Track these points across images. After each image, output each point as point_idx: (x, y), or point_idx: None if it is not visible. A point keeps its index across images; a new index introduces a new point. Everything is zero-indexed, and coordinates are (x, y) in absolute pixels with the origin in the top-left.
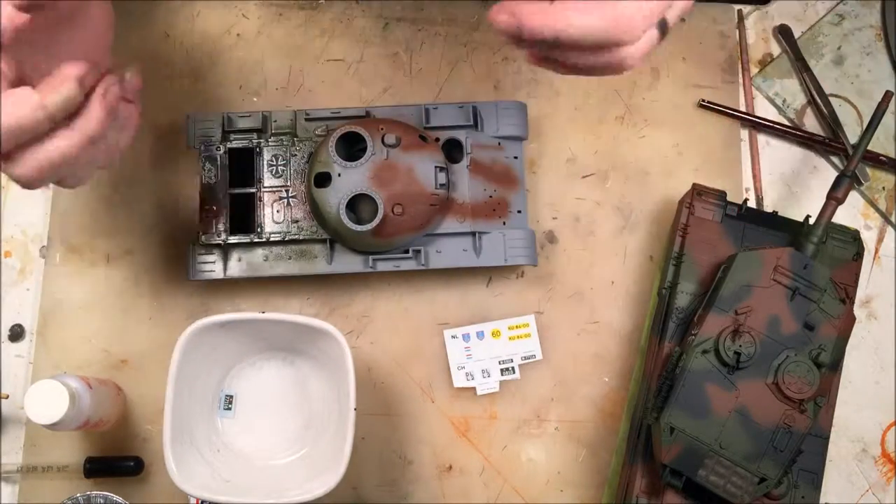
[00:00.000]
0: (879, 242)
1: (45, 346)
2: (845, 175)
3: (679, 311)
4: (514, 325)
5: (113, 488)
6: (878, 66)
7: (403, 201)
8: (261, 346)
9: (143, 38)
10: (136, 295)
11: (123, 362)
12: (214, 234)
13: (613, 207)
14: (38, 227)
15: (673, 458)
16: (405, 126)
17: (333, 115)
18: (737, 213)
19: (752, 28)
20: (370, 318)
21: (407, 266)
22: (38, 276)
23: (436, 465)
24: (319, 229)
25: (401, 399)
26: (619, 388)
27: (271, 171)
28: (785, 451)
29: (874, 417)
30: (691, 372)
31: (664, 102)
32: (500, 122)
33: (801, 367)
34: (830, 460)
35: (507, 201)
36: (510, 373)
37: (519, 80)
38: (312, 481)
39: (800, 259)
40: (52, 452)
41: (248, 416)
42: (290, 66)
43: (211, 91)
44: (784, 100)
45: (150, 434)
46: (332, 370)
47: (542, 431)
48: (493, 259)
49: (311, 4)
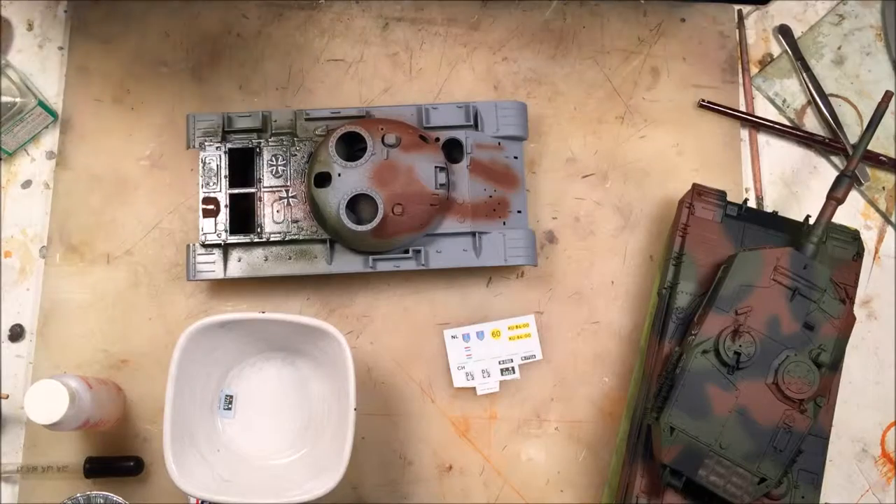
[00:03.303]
0: (879, 242)
1: (45, 346)
2: (845, 175)
3: (679, 311)
4: (514, 325)
5: (113, 488)
6: (878, 66)
7: (403, 201)
8: (261, 346)
9: (143, 38)
10: (136, 295)
11: (123, 362)
12: (214, 234)
13: (613, 207)
14: (38, 227)
15: (673, 458)
16: (405, 126)
17: (333, 115)
18: (737, 213)
19: (752, 28)
20: (370, 318)
21: (407, 266)
22: (38, 276)
23: (436, 465)
24: (319, 229)
25: (401, 399)
26: (619, 388)
27: (271, 171)
28: (785, 451)
29: (874, 417)
30: (691, 372)
31: (664, 102)
32: (500, 122)
33: (801, 367)
34: (830, 460)
35: (507, 201)
36: (510, 373)
37: (519, 80)
38: (312, 481)
39: (800, 259)
40: (52, 452)
41: (248, 416)
42: (290, 66)
43: (211, 91)
44: (784, 100)
45: (150, 434)
46: (332, 370)
47: (542, 431)
48: (493, 259)
49: (311, 4)
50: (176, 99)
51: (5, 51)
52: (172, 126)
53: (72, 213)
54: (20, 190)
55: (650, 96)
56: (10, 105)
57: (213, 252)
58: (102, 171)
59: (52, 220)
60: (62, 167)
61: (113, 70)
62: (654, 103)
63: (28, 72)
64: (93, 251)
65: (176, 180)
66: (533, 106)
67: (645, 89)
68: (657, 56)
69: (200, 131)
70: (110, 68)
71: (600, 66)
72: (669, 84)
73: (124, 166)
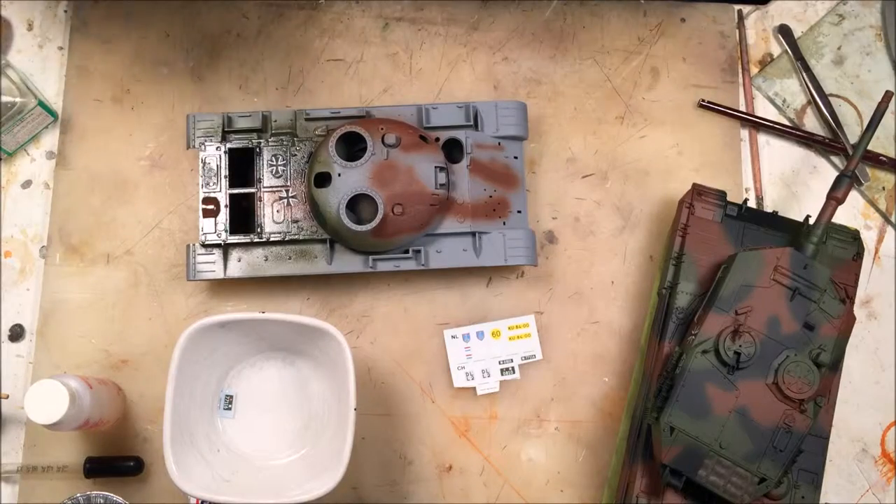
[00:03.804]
0: (879, 242)
1: (45, 346)
2: (845, 175)
3: (679, 311)
4: (514, 325)
5: (113, 488)
6: (878, 66)
7: (403, 201)
8: (261, 346)
9: (143, 38)
10: (136, 295)
11: (123, 362)
12: (214, 234)
13: (613, 207)
14: (38, 227)
15: (673, 458)
16: (405, 126)
17: (333, 115)
18: (737, 213)
19: (752, 28)
20: (370, 318)
21: (407, 266)
22: (38, 276)
23: (436, 465)
24: (319, 229)
25: (401, 399)
26: (619, 388)
27: (271, 171)
28: (785, 451)
29: (874, 417)
30: (691, 372)
31: (664, 102)
32: (500, 122)
33: (801, 367)
34: (830, 460)
35: (507, 201)
36: (510, 373)
37: (519, 80)
38: (312, 481)
39: (800, 259)
40: (52, 452)
41: (248, 416)
42: (290, 66)
43: (211, 91)
44: (784, 100)
45: (150, 434)
46: (332, 370)
47: (542, 431)
48: (493, 259)
49: (311, 4)
50: (176, 99)
51: (5, 51)
52: (172, 126)
53: (72, 213)
54: (20, 190)
55: (650, 96)
56: (10, 105)
57: (213, 252)
58: (102, 171)
59: (52, 220)
60: (62, 167)
61: (113, 70)
62: (654, 103)
63: (28, 72)
64: (93, 251)
65: (176, 180)
66: (533, 106)
67: (645, 89)
68: (657, 56)
69: (200, 131)
70: (110, 68)
71: (600, 66)
72: (669, 84)
73: (124, 166)
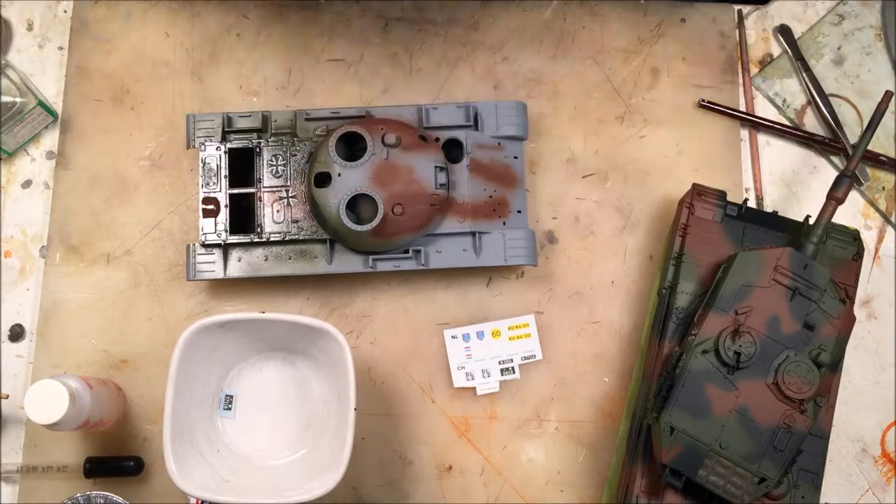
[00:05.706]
0: (879, 242)
1: (45, 346)
2: (845, 175)
3: (679, 311)
4: (514, 325)
5: (113, 488)
6: (878, 66)
7: (403, 201)
8: (261, 346)
9: (143, 38)
10: (135, 295)
11: (123, 362)
12: (214, 234)
13: (613, 207)
14: (38, 227)
15: (673, 458)
16: (405, 126)
17: (333, 115)
18: (737, 213)
19: (752, 28)
20: (370, 318)
21: (407, 266)
22: (38, 276)
23: (436, 465)
24: (319, 229)
25: (401, 399)
26: (619, 388)
27: (271, 171)
28: (785, 451)
29: (874, 417)
30: (691, 372)
31: (664, 102)
32: (499, 122)
33: (801, 367)
34: (830, 460)
35: (507, 201)
36: (510, 373)
37: (519, 80)
38: (312, 481)
39: (800, 259)
40: (52, 452)
41: (248, 416)
42: (290, 66)
43: (211, 91)
44: (784, 100)
45: (150, 434)
46: (332, 370)
47: (542, 431)
48: (493, 259)
49: (311, 4)
50: (176, 99)
51: (5, 51)
52: (172, 126)
53: (72, 213)
54: (20, 190)
55: (650, 96)
56: (10, 105)
57: (213, 252)
58: (102, 171)
59: (52, 220)
60: (62, 167)
61: (113, 70)
62: (654, 103)
63: (28, 72)
64: (93, 251)
65: (176, 180)
66: (533, 106)
67: (645, 89)
68: (657, 56)
69: (200, 131)
70: (110, 68)
71: (600, 66)
72: (669, 84)
73: (124, 166)
